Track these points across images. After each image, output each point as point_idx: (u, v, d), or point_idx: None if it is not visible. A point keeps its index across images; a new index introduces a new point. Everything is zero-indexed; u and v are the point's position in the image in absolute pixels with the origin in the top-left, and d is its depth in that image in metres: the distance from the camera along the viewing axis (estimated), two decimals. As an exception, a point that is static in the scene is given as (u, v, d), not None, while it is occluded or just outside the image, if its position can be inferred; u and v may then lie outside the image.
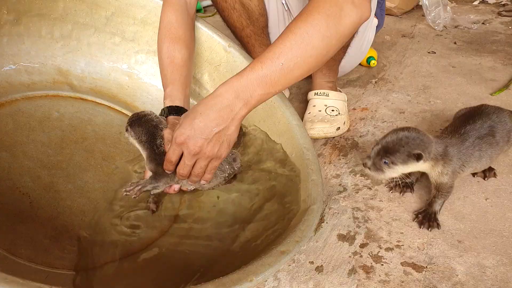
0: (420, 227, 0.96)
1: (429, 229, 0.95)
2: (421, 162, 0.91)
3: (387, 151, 0.90)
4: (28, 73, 1.13)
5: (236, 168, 0.99)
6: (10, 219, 0.85)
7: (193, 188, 0.96)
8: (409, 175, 1.04)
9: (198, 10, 2.21)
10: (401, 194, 1.06)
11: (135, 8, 1.19)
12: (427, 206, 0.99)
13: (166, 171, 0.88)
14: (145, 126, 0.89)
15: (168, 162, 0.86)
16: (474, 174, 1.10)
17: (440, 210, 0.99)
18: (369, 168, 0.92)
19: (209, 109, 0.80)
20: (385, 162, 0.90)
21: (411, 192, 1.06)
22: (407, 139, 0.90)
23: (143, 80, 1.23)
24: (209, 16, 2.41)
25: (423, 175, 1.06)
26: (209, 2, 2.54)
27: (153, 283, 0.81)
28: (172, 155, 0.84)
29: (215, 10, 2.30)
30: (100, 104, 1.19)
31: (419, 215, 0.98)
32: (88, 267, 0.83)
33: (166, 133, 0.90)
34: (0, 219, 0.84)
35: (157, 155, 0.89)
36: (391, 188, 1.07)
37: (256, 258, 0.74)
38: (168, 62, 1.00)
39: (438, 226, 0.96)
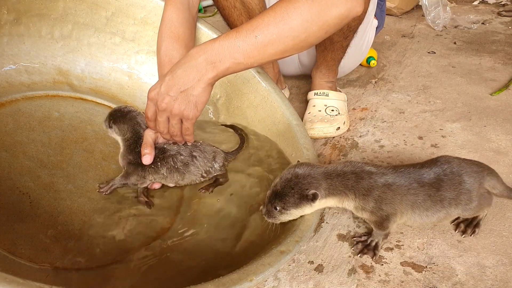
0: (358, 254, 0.89)
1: (359, 255, 0.89)
2: (317, 202, 0.80)
3: (277, 196, 0.80)
4: (28, 73, 1.13)
5: (215, 168, 0.99)
6: (10, 219, 0.85)
7: (173, 185, 0.99)
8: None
9: (198, 10, 2.22)
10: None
11: (135, 8, 1.19)
12: (371, 234, 0.90)
13: (149, 128, 0.94)
14: (130, 123, 0.94)
15: (146, 118, 0.92)
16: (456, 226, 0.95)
17: (383, 240, 0.89)
18: (264, 215, 0.83)
19: (178, 68, 0.84)
20: (275, 208, 0.80)
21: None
22: (297, 179, 0.79)
23: (143, 80, 1.23)
24: (209, 16, 2.41)
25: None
26: (209, 2, 2.54)
27: (153, 283, 0.81)
28: (147, 110, 0.90)
29: (215, 10, 2.31)
30: (100, 104, 1.19)
31: (360, 242, 0.91)
32: (88, 267, 0.83)
33: (146, 133, 0.94)
34: (0, 219, 0.84)
35: (131, 154, 0.94)
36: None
37: (256, 258, 0.74)
38: (166, 61, 1.01)
39: (374, 256, 0.88)
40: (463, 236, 0.93)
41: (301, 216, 0.85)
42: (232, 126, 1.14)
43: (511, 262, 0.87)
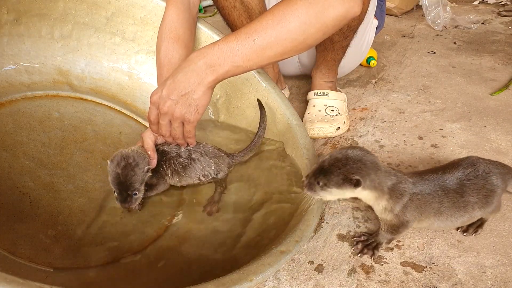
0: (358, 254, 0.90)
1: (359, 255, 0.89)
2: (359, 189, 0.79)
3: (322, 172, 0.79)
4: (28, 73, 1.13)
5: (215, 174, 0.98)
6: (10, 219, 0.85)
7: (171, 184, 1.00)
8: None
9: (198, 10, 2.23)
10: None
11: (135, 8, 1.19)
12: (374, 235, 0.91)
13: (153, 131, 0.93)
14: (145, 155, 0.91)
15: (149, 121, 0.92)
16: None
17: (386, 244, 0.91)
18: (304, 187, 0.82)
19: (179, 72, 0.85)
20: (318, 183, 0.79)
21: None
22: (347, 161, 0.78)
23: (143, 80, 1.23)
24: (209, 16, 2.41)
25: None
26: (209, 2, 2.54)
27: (153, 283, 0.81)
28: (150, 114, 0.91)
29: (215, 10, 2.31)
30: (100, 104, 1.19)
31: (360, 242, 0.91)
32: (88, 267, 0.83)
33: (146, 137, 0.94)
34: (0, 219, 0.84)
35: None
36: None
37: (256, 258, 0.74)
38: (166, 62, 1.01)
39: (372, 255, 0.89)
40: (464, 234, 0.93)
41: (301, 218, 0.85)
42: (260, 108, 1.08)
43: (511, 262, 0.87)
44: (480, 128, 1.30)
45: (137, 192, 0.87)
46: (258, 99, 1.08)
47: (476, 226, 0.93)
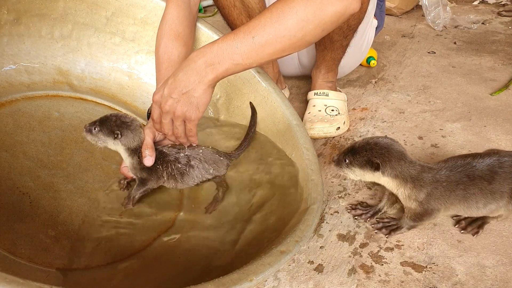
0: (375, 231, 0.95)
1: (375, 231, 0.94)
2: (379, 174, 0.85)
3: (351, 151, 0.87)
4: (28, 73, 1.13)
5: (213, 177, 0.98)
6: (10, 219, 0.85)
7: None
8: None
9: (198, 10, 2.23)
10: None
11: (135, 8, 1.19)
12: (398, 219, 0.95)
13: (156, 130, 0.94)
14: (136, 133, 0.90)
15: (152, 120, 0.93)
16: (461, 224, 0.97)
17: (407, 229, 0.94)
18: (333, 162, 0.91)
19: (180, 71, 0.86)
20: (345, 160, 0.88)
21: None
22: (374, 146, 0.85)
23: (143, 80, 1.23)
24: (209, 16, 2.41)
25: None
26: (209, 2, 2.54)
27: (153, 283, 0.81)
28: (152, 113, 0.92)
29: (215, 10, 2.31)
30: (100, 104, 1.19)
31: (380, 222, 0.96)
32: (88, 267, 0.83)
33: (145, 134, 0.93)
34: (0, 219, 0.84)
35: (142, 162, 0.92)
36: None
37: (256, 258, 0.74)
38: (165, 58, 1.02)
39: (388, 234, 0.93)
40: (462, 232, 0.94)
41: (301, 218, 0.85)
42: (252, 111, 1.10)
43: (511, 262, 0.87)
44: (480, 128, 1.30)
45: (94, 129, 0.89)
46: (250, 102, 1.10)
47: (477, 226, 0.93)
